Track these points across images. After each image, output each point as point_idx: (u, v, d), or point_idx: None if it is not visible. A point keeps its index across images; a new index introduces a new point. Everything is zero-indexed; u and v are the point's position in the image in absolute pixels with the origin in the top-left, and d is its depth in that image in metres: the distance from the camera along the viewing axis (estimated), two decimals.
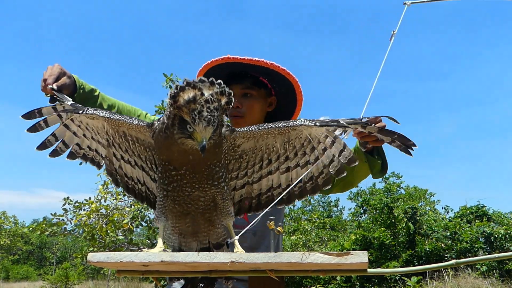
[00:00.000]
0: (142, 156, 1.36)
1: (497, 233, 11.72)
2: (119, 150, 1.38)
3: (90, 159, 1.40)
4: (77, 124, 1.36)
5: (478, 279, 10.60)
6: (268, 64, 1.75)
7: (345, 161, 1.24)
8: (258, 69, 1.79)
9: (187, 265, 1.12)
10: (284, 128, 1.25)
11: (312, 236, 15.85)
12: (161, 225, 1.29)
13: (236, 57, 1.74)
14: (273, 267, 1.12)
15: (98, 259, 1.10)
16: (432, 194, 18.99)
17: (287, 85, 1.84)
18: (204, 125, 1.02)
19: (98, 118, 1.30)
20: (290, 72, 1.79)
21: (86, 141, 1.38)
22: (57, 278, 17.85)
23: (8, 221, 30.17)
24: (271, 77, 1.83)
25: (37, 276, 29.97)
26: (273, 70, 1.78)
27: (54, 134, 1.36)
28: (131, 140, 1.34)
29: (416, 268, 1.25)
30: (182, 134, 1.09)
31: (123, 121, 1.28)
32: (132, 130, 1.31)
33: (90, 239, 8.46)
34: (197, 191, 1.23)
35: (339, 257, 1.00)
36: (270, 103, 1.93)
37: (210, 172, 1.21)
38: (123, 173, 1.41)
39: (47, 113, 1.32)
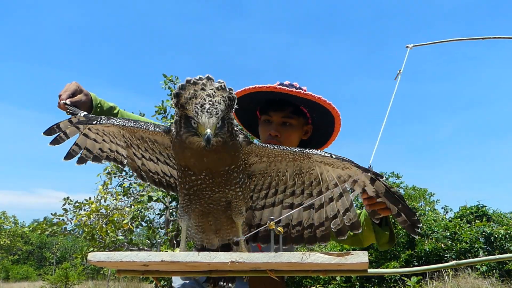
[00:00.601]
0: (164, 154, 1.39)
1: (497, 233, 11.72)
2: (138, 150, 1.41)
3: (113, 159, 1.44)
4: (95, 132, 1.39)
5: (478, 279, 10.59)
6: (316, 98, 1.73)
7: (348, 223, 1.22)
8: (299, 98, 1.76)
9: (187, 265, 1.12)
10: (299, 153, 1.24)
11: None
12: (184, 224, 1.30)
13: (283, 88, 1.71)
14: (273, 267, 1.12)
15: (99, 259, 1.10)
16: (431, 194, 18.99)
17: (327, 117, 1.83)
18: (207, 116, 1.03)
19: (113, 126, 1.33)
20: (334, 106, 1.78)
21: (106, 145, 1.42)
22: (57, 278, 17.84)
23: (8, 221, 30.17)
24: (312, 107, 1.82)
25: (37, 276, 29.95)
26: (316, 103, 1.76)
27: (76, 144, 1.40)
28: (149, 141, 1.36)
29: (416, 269, 1.25)
30: (188, 132, 1.10)
31: (138, 128, 1.30)
32: (149, 134, 1.33)
33: (90, 239, 8.46)
34: (217, 193, 1.24)
35: (340, 257, 1.00)
36: (306, 131, 1.92)
37: (229, 177, 1.21)
38: (146, 169, 1.45)
39: (64, 127, 1.35)
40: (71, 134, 1.37)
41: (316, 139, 1.95)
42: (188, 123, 1.09)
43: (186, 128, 1.10)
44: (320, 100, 1.74)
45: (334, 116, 1.82)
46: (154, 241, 10.36)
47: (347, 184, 1.22)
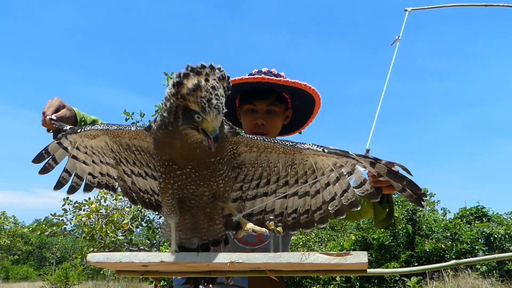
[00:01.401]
0: (151, 164, 1.34)
1: (496, 234, 11.72)
2: (127, 165, 1.36)
3: (105, 185, 1.40)
4: (84, 151, 1.35)
5: (478, 279, 10.59)
6: (302, 85, 1.77)
7: (347, 203, 1.20)
8: (283, 86, 1.80)
9: (187, 265, 1.12)
10: (290, 148, 1.20)
11: (312, 236, 15.84)
12: (173, 222, 1.27)
13: (271, 78, 1.74)
14: (272, 267, 1.12)
15: (98, 260, 1.10)
16: (432, 194, 18.99)
17: (308, 100, 1.87)
18: (215, 113, 0.97)
19: (98, 133, 1.29)
20: (317, 91, 1.83)
21: (96, 168, 1.38)
22: (56, 279, 17.83)
23: (8, 222, 30.16)
24: (294, 93, 1.86)
25: (36, 276, 29.96)
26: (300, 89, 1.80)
27: (66, 170, 1.37)
28: (135, 150, 1.32)
29: (416, 269, 1.25)
30: (188, 125, 1.03)
31: (122, 129, 1.26)
32: (134, 139, 1.29)
33: (90, 239, 8.46)
34: (202, 187, 1.21)
35: (339, 257, 1.00)
36: (287, 116, 1.95)
37: (214, 169, 1.18)
38: (137, 188, 1.40)
39: (54, 150, 1.33)
40: (59, 158, 1.34)
41: (295, 121, 2.00)
42: (188, 115, 1.01)
43: (186, 120, 1.02)
44: (306, 87, 1.79)
45: (315, 100, 1.86)
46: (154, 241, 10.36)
47: (344, 169, 1.19)
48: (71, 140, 1.33)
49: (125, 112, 8.18)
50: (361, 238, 12.52)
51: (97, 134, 1.30)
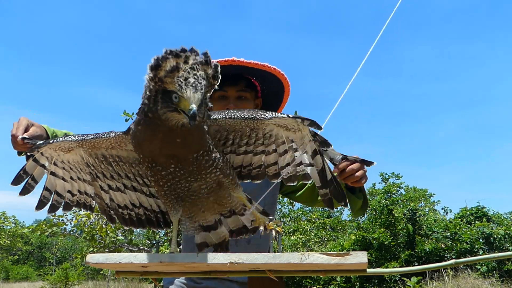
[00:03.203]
0: (130, 175, 1.32)
1: (496, 234, 11.72)
2: (104, 180, 1.34)
3: (83, 204, 1.38)
4: (61, 166, 1.33)
5: (478, 279, 10.59)
6: (271, 68, 1.77)
7: (299, 173, 1.25)
8: (251, 71, 1.81)
9: (186, 265, 1.12)
10: (250, 120, 1.21)
11: (312, 236, 15.85)
12: (175, 219, 1.26)
13: (241, 60, 1.74)
14: (272, 268, 1.12)
15: (97, 260, 1.10)
16: (432, 194, 18.99)
17: (277, 87, 1.87)
18: (192, 90, 0.95)
19: (72, 145, 1.26)
20: (286, 76, 1.83)
21: (75, 185, 1.36)
22: (57, 279, 17.82)
23: (8, 222, 30.16)
24: (263, 79, 1.86)
25: (37, 277, 29.96)
26: (269, 73, 1.80)
27: (46, 188, 1.34)
28: (113, 161, 1.29)
29: (416, 268, 1.25)
30: (167, 107, 1.00)
31: (99, 138, 1.23)
32: (112, 149, 1.26)
33: (90, 239, 8.46)
34: (195, 183, 1.19)
35: (339, 257, 1.00)
36: (257, 105, 1.95)
37: (200, 164, 1.15)
38: (115, 205, 1.37)
39: (31, 169, 1.30)
40: (39, 177, 1.32)
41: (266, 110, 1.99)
42: (167, 98, 0.99)
43: (165, 104, 1.00)
44: (275, 71, 1.78)
45: (284, 86, 1.86)
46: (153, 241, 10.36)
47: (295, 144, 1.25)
48: (47, 156, 1.30)
49: (125, 112, 8.18)
50: (361, 238, 12.52)
51: (71, 146, 1.27)
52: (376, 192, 16.35)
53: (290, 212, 19.43)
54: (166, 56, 0.95)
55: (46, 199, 1.34)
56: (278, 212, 16.69)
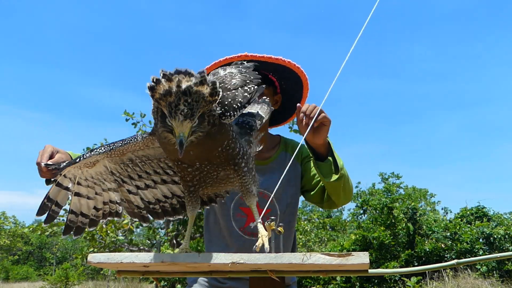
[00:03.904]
0: (159, 170, 1.33)
1: (496, 234, 11.72)
2: (132, 183, 1.35)
3: (109, 213, 1.38)
4: (85, 184, 1.33)
5: (478, 279, 10.59)
6: (286, 62, 1.72)
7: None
8: (269, 67, 1.75)
9: (188, 265, 1.12)
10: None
11: (312, 236, 15.85)
12: (191, 216, 1.26)
13: (255, 55, 1.69)
14: (274, 268, 1.12)
15: (99, 260, 1.10)
16: (432, 194, 19.01)
17: (296, 83, 1.81)
18: (180, 119, 0.95)
19: (98, 158, 1.27)
20: (303, 70, 1.77)
21: (99, 199, 1.36)
22: (57, 279, 17.82)
23: (8, 222, 30.17)
24: (281, 74, 1.81)
25: (37, 277, 29.97)
26: (286, 67, 1.74)
27: (72, 211, 1.34)
28: (140, 162, 1.31)
29: (417, 269, 1.25)
30: (164, 127, 1.02)
31: (127, 144, 1.24)
32: (139, 151, 1.28)
33: (90, 239, 8.46)
34: (223, 171, 1.19)
35: (340, 258, 1.00)
36: (276, 101, 1.89)
37: (227, 154, 1.15)
38: (146, 203, 1.38)
39: (55, 195, 1.30)
40: (63, 201, 1.32)
41: (286, 109, 1.93)
42: (164, 118, 1.01)
43: (162, 123, 1.02)
44: (290, 64, 1.73)
45: (303, 81, 1.80)
46: (154, 241, 10.36)
47: None
48: (70, 177, 1.30)
49: (125, 112, 8.19)
50: (361, 238, 12.52)
51: (97, 159, 1.27)
52: (376, 192, 16.37)
53: None
54: (159, 79, 0.96)
55: (73, 222, 1.34)
56: None
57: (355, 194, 20.89)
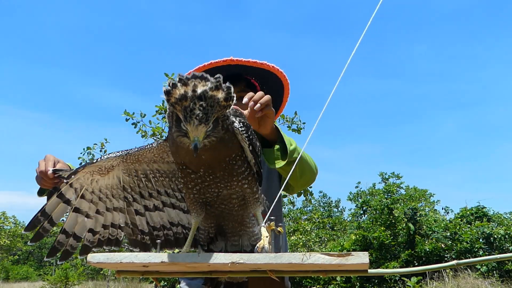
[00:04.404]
0: (169, 191, 1.33)
1: (496, 234, 11.73)
2: (141, 201, 1.33)
3: (107, 241, 1.34)
4: (89, 198, 1.30)
5: (478, 279, 10.59)
6: (270, 67, 1.74)
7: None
8: (250, 71, 1.78)
9: (187, 265, 1.12)
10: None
11: (312, 236, 15.85)
12: (194, 222, 1.25)
13: (240, 60, 1.71)
14: (273, 268, 1.12)
15: (98, 260, 1.09)
16: (432, 194, 19.01)
17: (278, 86, 1.84)
18: (195, 123, 0.97)
19: (114, 163, 1.26)
20: (285, 74, 1.80)
21: (100, 219, 1.32)
22: (57, 279, 17.82)
23: (8, 222, 30.20)
24: (263, 78, 1.83)
25: (37, 277, 29.98)
26: (269, 72, 1.77)
27: (64, 230, 1.30)
28: (153, 177, 1.31)
29: (416, 269, 1.25)
30: (179, 132, 1.03)
31: (143, 150, 1.24)
32: (154, 163, 1.28)
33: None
34: (225, 190, 1.18)
35: (340, 258, 1.00)
36: None
37: (232, 169, 1.14)
38: (151, 228, 1.36)
39: (52, 207, 1.27)
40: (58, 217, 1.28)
41: None
42: (179, 122, 1.02)
43: (177, 127, 1.03)
44: (274, 69, 1.75)
45: (284, 84, 1.82)
46: None
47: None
48: (76, 187, 1.28)
49: (125, 112, 8.19)
50: (361, 238, 12.53)
51: (113, 164, 1.26)
52: (376, 192, 16.37)
53: (290, 212, 19.44)
54: (175, 83, 0.97)
55: (60, 244, 1.29)
56: None
57: (355, 194, 20.90)
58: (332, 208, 26.33)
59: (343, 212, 25.78)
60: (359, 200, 17.98)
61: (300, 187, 1.79)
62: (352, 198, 20.82)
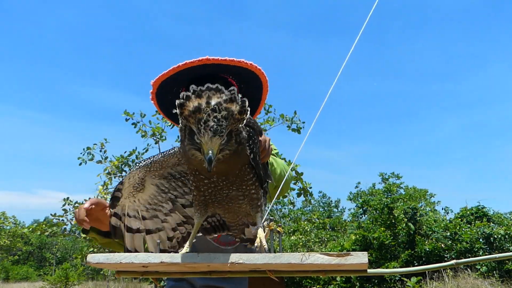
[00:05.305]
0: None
1: (496, 234, 11.73)
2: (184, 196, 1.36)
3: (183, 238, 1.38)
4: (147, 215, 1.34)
5: (478, 279, 10.59)
6: (248, 64, 1.69)
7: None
8: (227, 69, 1.73)
9: (187, 266, 1.12)
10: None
11: (312, 236, 15.85)
12: (197, 222, 1.26)
13: (217, 58, 1.65)
14: (273, 268, 1.12)
15: (98, 260, 1.10)
16: (432, 195, 19.02)
17: (256, 84, 1.80)
18: (209, 135, 0.95)
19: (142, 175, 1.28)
20: (263, 72, 1.75)
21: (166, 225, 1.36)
22: (57, 279, 17.83)
23: (8, 222, 30.21)
24: (240, 77, 1.79)
25: (37, 277, 29.99)
26: (247, 70, 1.72)
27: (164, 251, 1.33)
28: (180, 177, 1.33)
29: (416, 269, 1.25)
30: (192, 145, 1.02)
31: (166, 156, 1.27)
32: (177, 166, 1.30)
33: (90, 239, 8.45)
34: (235, 191, 1.19)
35: (339, 258, 1.00)
36: None
37: (244, 175, 1.16)
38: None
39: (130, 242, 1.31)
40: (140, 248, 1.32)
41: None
42: (192, 135, 1.01)
43: (190, 141, 1.02)
44: (252, 66, 1.70)
45: (263, 82, 1.78)
46: None
47: None
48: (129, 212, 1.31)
49: (125, 112, 8.19)
50: (361, 238, 12.53)
51: (141, 177, 1.28)
52: (376, 192, 16.38)
53: (290, 212, 19.44)
54: (189, 95, 0.96)
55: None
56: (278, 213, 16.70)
57: (355, 194, 20.91)
58: (332, 208, 26.33)
59: (343, 212, 25.79)
60: (359, 200, 17.98)
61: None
62: (352, 198, 20.85)
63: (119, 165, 8.61)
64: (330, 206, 26.55)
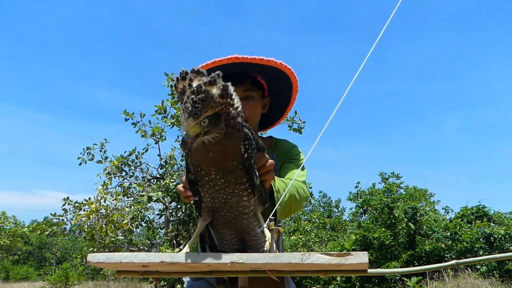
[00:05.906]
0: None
1: (497, 234, 11.72)
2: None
3: None
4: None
5: (478, 279, 10.59)
6: (277, 63, 1.67)
7: None
8: (256, 68, 1.71)
9: (187, 265, 1.12)
10: None
11: (312, 236, 15.86)
12: (200, 225, 1.25)
13: (245, 57, 1.63)
14: (273, 268, 1.12)
15: (98, 260, 1.10)
16: (432, 194, 19.02)
17: (285, 84, 1.77)
18: (185, 116, 0.98)
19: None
20: (293, 72, 1.72)
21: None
22: (57, 279, 17.84)
23: (8, 222, 30.22)
24: (269, 76, 1.77)
25: (37, 277, 30.02)
26: (276, 69, 1.70)
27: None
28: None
29: (417, 269, 1.25)
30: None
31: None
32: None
33: (90, 239, 8.45)
34: (232, 197, 1.18)
35: (339, 257, 1.00)
36: (265, 104, 1.85)
37: (238, 175, 1.15)
38: None
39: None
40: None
41: (274, 109, 1.89)
42: None
43: None
44: (282, 66, 1.68)
45: (292, 82, 1.75)
46: (154, 241, 10.37)
47: None
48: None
49: (125, 112, 8.19)
50: (362, 238, 12.53)
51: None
52: (376, 192, 16.38)
53: None
54: (178, 78, 1.01)
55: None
56: None
57: (355, 194, 20.90)
58: (332, 208, 26.32)
59: (343, 212, 25.77)
60: (359, 200, 17.98)
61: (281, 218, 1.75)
62: (352, 198, 20.84)
63: (119, 165, 8.60)
64: (330, 206, 26.55)
